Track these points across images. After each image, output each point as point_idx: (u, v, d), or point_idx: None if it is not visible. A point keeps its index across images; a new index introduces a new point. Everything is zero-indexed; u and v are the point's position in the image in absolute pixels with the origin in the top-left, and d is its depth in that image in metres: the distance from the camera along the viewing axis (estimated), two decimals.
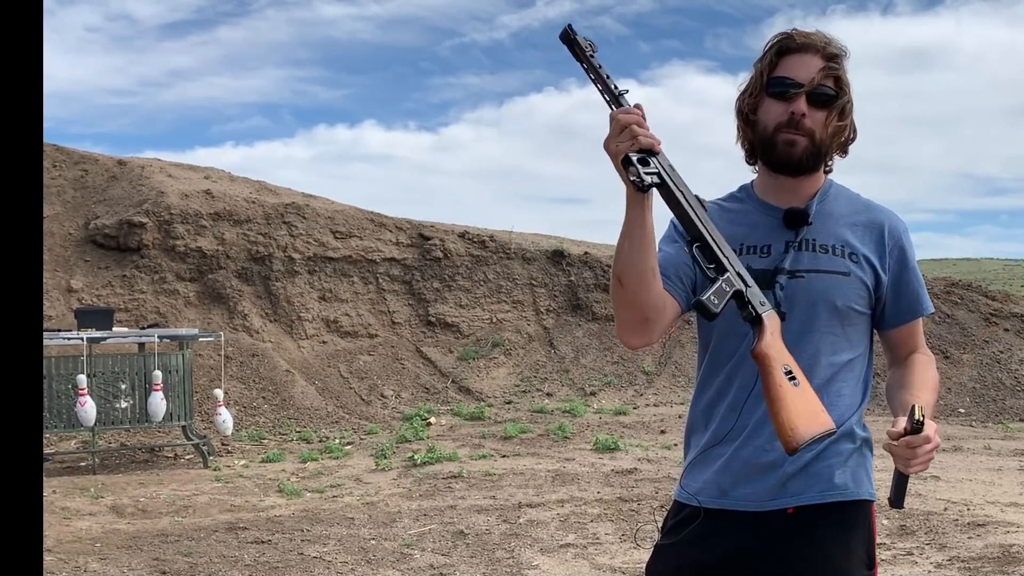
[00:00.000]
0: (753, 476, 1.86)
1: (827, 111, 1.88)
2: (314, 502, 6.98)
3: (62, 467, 8.50)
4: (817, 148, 1.89)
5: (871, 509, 1.90)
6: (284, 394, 11.25)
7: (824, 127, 1.88)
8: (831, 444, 1.83)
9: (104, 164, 14.15)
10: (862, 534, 1.86)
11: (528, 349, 13.54)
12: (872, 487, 1.90)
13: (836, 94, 1.88)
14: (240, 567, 5.28)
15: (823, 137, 1.88)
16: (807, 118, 1.86)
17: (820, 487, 1.83)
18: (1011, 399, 11.84)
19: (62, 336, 8.19)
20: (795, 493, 1.83)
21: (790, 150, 1.88)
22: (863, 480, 1.88)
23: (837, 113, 1.89)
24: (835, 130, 1.90)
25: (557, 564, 5.28)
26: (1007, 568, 4.98)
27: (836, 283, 1.86)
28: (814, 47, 1.88)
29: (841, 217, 1.93)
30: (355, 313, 13.32)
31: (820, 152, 1.90)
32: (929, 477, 7.42)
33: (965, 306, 14.08)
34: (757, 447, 1.86)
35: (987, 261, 44.12)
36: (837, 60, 1.88)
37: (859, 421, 1.92)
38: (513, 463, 8.41)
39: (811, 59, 1.88)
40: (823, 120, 1.88)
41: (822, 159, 1.92)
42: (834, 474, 1.84)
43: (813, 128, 1.87)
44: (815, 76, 1.86)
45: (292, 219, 13.52)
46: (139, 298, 12.15)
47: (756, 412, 1.84)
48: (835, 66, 1.88)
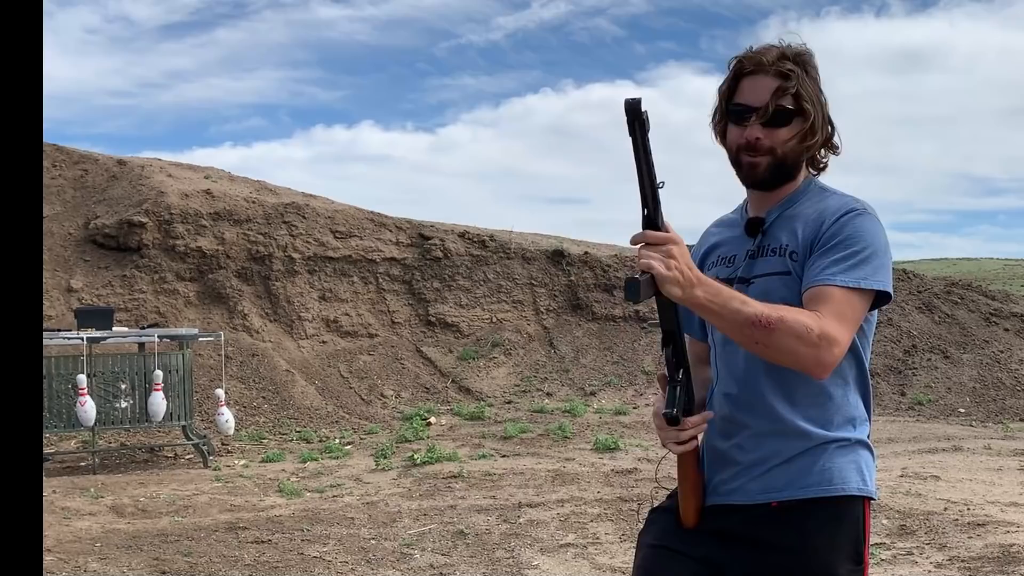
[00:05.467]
0: (734, 469, 1.95)
1: (785, 128, 1.93)
2: (314, 502, 6.98)
3: (62, 467, 8.50)
4: (779, 163, 1.95)
5: (863, 506, 1.90)
6: (284, 394, 11.25)
7: (784, 143, 1.93)
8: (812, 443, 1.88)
9: (104, 164, 14.15)
10: (848, 530, 1.88)
11: (528, 349, 13.54)
12: (864, 484, 1.90)
13: (793, 110, 1.92)
14: (240, 567, 5.28)
15: (784, 152, 1.94)
16: (764, 139, 1.93)
17: (802, 483, 1.87)
18: (1011, 399, 11.83)
19: (62, 336, 8.19)
20: (778, 488, 1.89)
21: (753, 171, 1.96)
22: (850, 477, 1.89)
23: (801, 126, 1.93)
24: (800, 140, 1.94)
25: (557, 564, 5.28)
26: (1007, 568, 4.98)
27: (779, 284, 1.91)
28: (764, 68, 1.93)
29: (802, 217, 1.96)
30: (355, 313, 13.32)
31: (784, 165, 1.96)
32: (929, 477, 7.42)
33: (965, 306, 14.08)
34: (735, 444, 1.95)
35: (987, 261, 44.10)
36: (790, 77, 1.92)
37: (844, 421, 1.91)
38: (513, 463, 8.42)
39: (764, 81, 1.93)
40: (783, 137, 1.93)
41: (789, 170, 1.97)
42: (815, 470, 1.88)
43: (773, 146, 1.93)
44: (768, 100, 1.91)
45: (292, 219, 13.52)
46: (139, 298, 12.15)
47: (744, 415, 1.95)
48: (787, 85, 1.92)
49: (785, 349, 1.77)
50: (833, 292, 1.82)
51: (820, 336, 1.76)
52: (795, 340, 1.75)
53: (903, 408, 11.82)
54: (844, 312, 1.81)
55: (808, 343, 1.76)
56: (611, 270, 14.48)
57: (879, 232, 1.89)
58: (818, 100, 1.94)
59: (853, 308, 1.83)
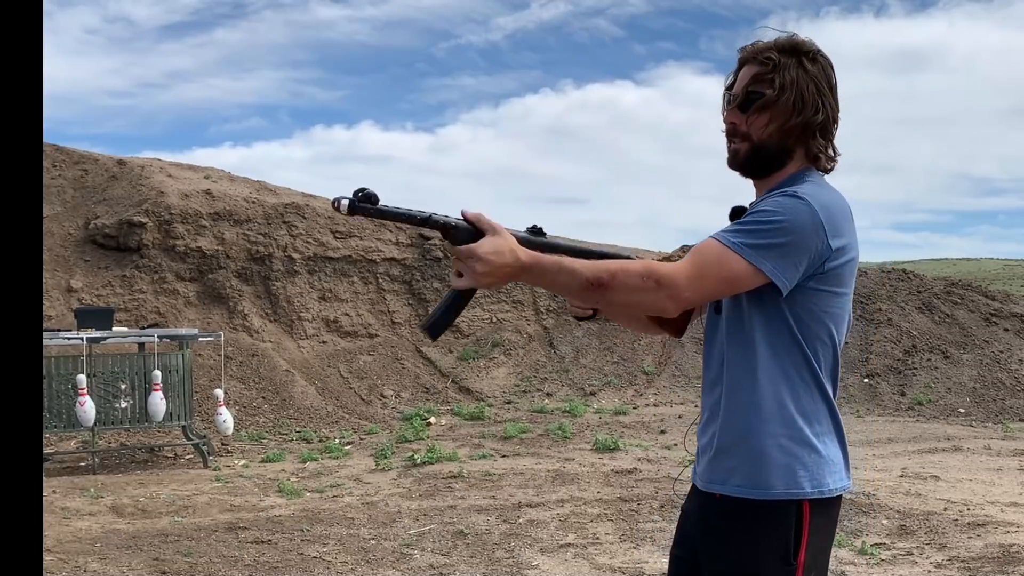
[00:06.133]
0: (698, 457, 2.06)
1: (763, 113, 1.96)
2: (314, 502, 6.98)
3: (62, 467, 8.50)
4: (758, 148, 1.98)
5: (797, 508, 1.88)
6: (284, 394, 11.25)
7: (763, 128, 1.96)
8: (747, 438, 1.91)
9: (104, 164, 14.15)
10: (777, 531, 1.88)
11: (528, 349, 13.54)
12: (798, 487, 1.88)
13: (767, 96, 1.95)
14: (240, 567, 5.28)
15: (763, 137, 1.97)
16: (740, 125, 1.98)
17: (735, 480, 1.91)
18: (1011, 399, 11.83)
19: (62, 336, 8.19)
20: (719, 481, 1.95)
21: (734, 157, 2.02)
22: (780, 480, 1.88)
23: (781, 112, 1.95)
24: (779, 126, 1.96)
25: (557, 564, 5.28)
26: (1007, 568, 4.98)
27: None
28: (750, 57, 2.00)
29: None
30: (355, 313, 13.32)
31: (765, 151, 1.98)
32: (929, 477, 7.42)
33: (965, 306, 14.08)
34: (700, 430, 2.06)
35: (987, 261, 44.09)
36: (768, 64, 1.96)
37: (786, 417, 1.90)
38: (513, 463, 8.42)
39: (749, 69, 1.99)
40: (760, 123, 1.96)
41: (772, 158, 1.99)
42: (747, 470, 1.90)
43: (750, 132, 1.98)
44: (742, 87, 1.98)
45: (292, 219, 13.52)
46: (139, 298, 12.15)
47: (707, 399, 2.03)
48: (764, 71, 1.96)
49: (628, 301, 1.81)
50: (706, 245, 1.84)
51: (657, 281, 1.78)
52: (634, 291, 1.79)
53: (903, 408, 11.82)
54: (703, 264, 1.82)
55: (646, 289, 1.79)
56: None
57: (797, 214, 1.83)
58: (805, 89, 1.95)
59: (719, 267, 1.82)
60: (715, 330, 2.01)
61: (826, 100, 1.97)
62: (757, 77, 1.97)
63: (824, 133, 1.99)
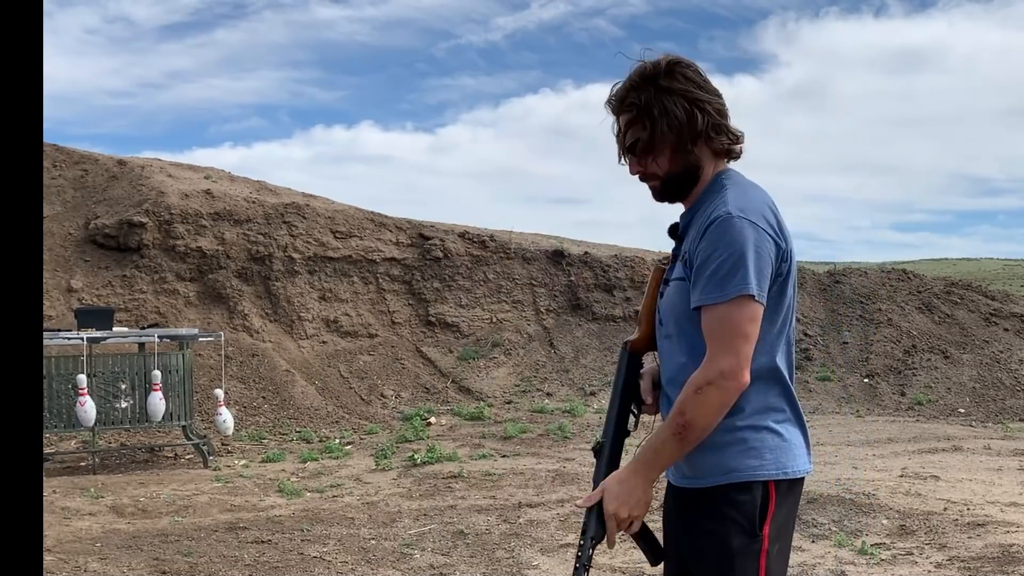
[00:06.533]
0: None
1: (653, 152, 2.06)
2: (314, 502, 6.98)
3: (62, 467, 8.50)
4: (668, 181, 2.08)
5: (762, 488, 1.99)
6: (284, 394, 11.25)
7: (663, 164, 2.06)
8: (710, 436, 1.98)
9: (104, 164, 14.15)
10: (742, 511, 1.99)
11: (528, 349, 13.54)
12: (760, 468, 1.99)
13: (649, 137, 2.04)
14: (240, 567, 5.28)
15: (667, 170, 2.07)
16: (644, 168, 2.09)
17: (707, 473, 2.01)
18: (1011, 399, 11.83)
19: (62, 336, 8.19)
20: (691, 476, 2.06)
21: (655, 195, 2.14)
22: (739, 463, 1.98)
23: (668, 138, 2.03)
24: (674, 154, 2.04)
25: (557, 564, 5.28)
26: (1007, 568, 4.98)
27: (677, 290, 2.04)
28: (619, 107, 2.09)
29: (697, 220, 2.05)
30: (355, 313, 13.32)
31: (675, 179, 2.08)
32: (929, 477, 7.42)
33: (965, 306, 14.08)
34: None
35: (987, 261, 44.10)
36: (634, 108, 2.05)
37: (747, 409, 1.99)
38: (513, 463, 8.42)
39: (623, 118, 2.09)
40: (657, 159, 2.06)
41: (684, 180, 2.08)
42: (704, 460, 2.00)
43: (655, 171, 2.08)
44: (624, 138, 2.09)
45: (292, 219, 13.52)
46: (139, 298, 12.15)
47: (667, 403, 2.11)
48: (631, 115, 2.06)
49: (712, 416, 1.93)
50: (704, 316, 1.94)
51: (709, 383, 1.91)
52: (704, 407, 1.91)
53: (903, 408, 11.82)
54: (720, 331, 1.91)
55: (710, 397, 1.91)
56: (611, 270, 14.48)
57: (735, 236, 1.91)
58: (676, 109, 2.01)
59: (727, 321, 1.91)
60: (667, 337, 2.10)
61: (701, 103, 2.03)
62: (630, 124, 2.06)
63: (716, 129, 2.05)
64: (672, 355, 2.07)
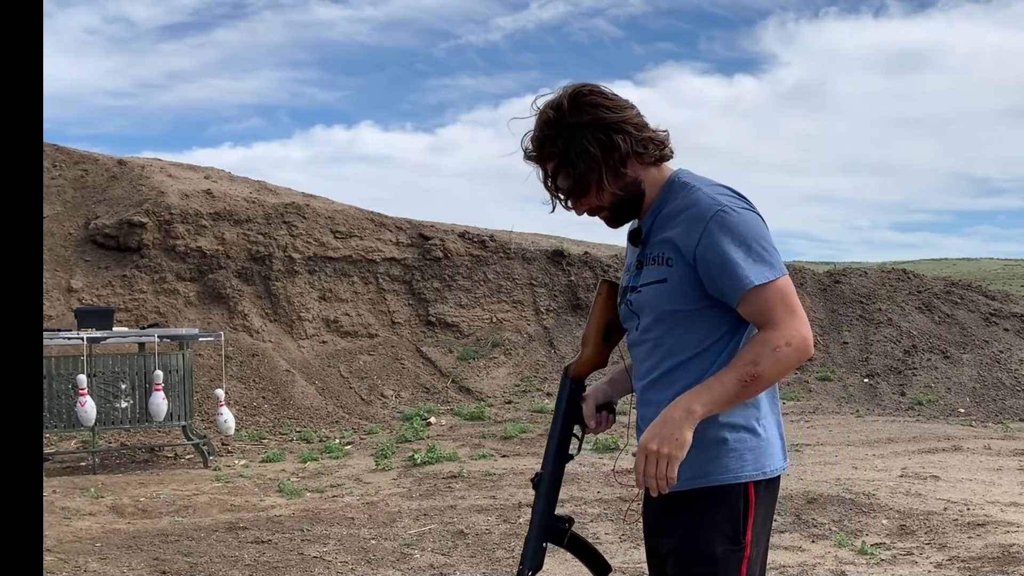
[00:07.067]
0: None
1: (588, 191, 2.02)
2: (314, 502, 6.99)
3: (62, 467, 8.50)
4: (614, 208, 2.06)
5: (742, 490, 1.99)
6: (284, 394, 11.25)
7: (602, 196, 2.03)
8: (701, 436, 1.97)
9: (104, 164, 14.15)
10: (726, 514, 1.99)
11: (528, 349, 13.54)
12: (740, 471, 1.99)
13: (575, 179, 2.01)
14: (240, 567, 5.28)
15: (609, 200, 2.04)
16: (585, 206, 2.06)
17: (685, 474, 1.97)
18: (1011, 399, 11.83)
19: (62, 336, 8.19)
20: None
21: (608, 224, 2.12)
22: (719, 466, 1.99)
23: (595, 171, 1.99)
24: (603, 180, 2.01)
25: (557, 564, 5.28)
26: (1007, 568, 4.98)
27: (660, 291, 2.02)
28: (537, 159, 2.05)
29: (671, 218, 2.03)
30: (355, 313, 13.32)
31: (620, 204, 2.06)
32: (929, 477, 7.42)
33: (965, 306, 14.08)
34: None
35: (987, 261, 44.07)
36: (552, 155, 2.01)
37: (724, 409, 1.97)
38: (513, 463, 8.42)
39: (547, 165, 2.05)
40: (596, 193, 2.02)
41: (629, 201, 2.06)
42: (687, 463, 1.96)
43: (599, 205, 2.05)
44: (550, 186, 2.06)
45: (292, 219, 13.52)
46: (139, 298, 12.15)
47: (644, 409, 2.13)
48: (553, 163, 2.02)
49: (782, 374, 1.93)
50: (766, 292, 1.92)
51: (791, 345, 1.90)
52: (782, 365, 1.91)
53: (903, 408, 11.82)
54: (784, 303, 1.93)
55: (792, 357, 1.91)
56: (611, 270, 14.48)
57: (742, 225, 1.95)
58: (591, 142, 1.97)
59: (788, 293, 1.94)
60: (638, 342, 2.11)
61: (617, 125, 1.99)
62: (555, 172, 2.02)
63: (642, 144, 2.02)
64: (651, 356, 2.07)
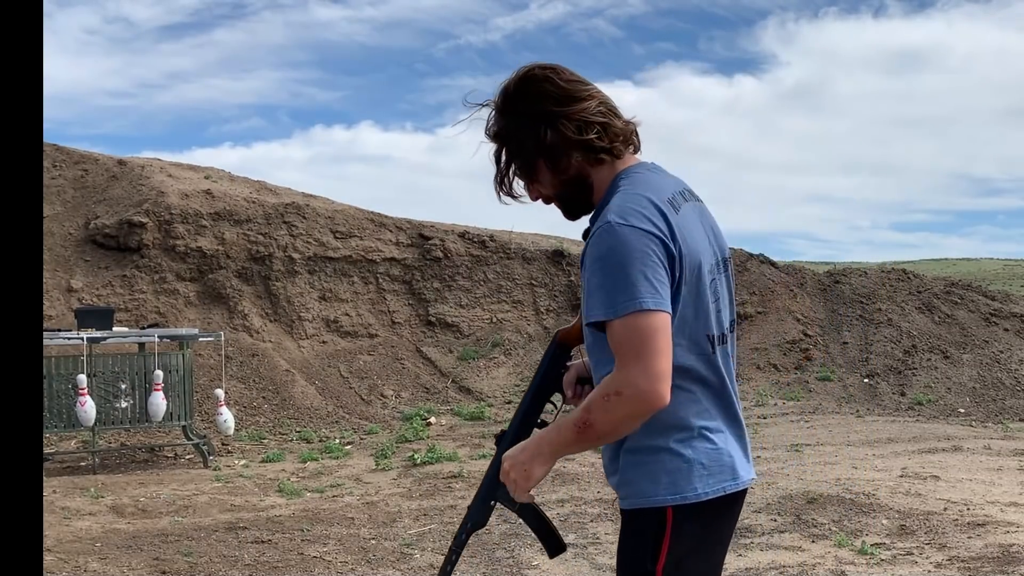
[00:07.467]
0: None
1: (532, 177, 2.00)
2: (314, 502, 6.98)
3: (62, 467, 8.50)
4: (565, 198, 2.02)
5: (651, 516, 1.90)
6: (284, 394, 11.25)
7: (545, 185, 2.00)
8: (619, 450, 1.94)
9: (104, 164, 14.15)
10: (639, 538, 1.93)
11: (528, 349, 13.54)
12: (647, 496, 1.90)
13: (521, 163, 1.99)
14: (240, 567, 5.28)
15: (554, 190, 2.00)
16: (535, 193, 2.04)
17: (622, 492, 1.95)
18: (1011, 399, 11.83)
19: (62, 336, 8.19)
20: (619, 495, 1.99)
21: (565, 215, 2.06)
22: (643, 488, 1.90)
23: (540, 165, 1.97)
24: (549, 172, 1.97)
25: (557, 564, 5.28)
26: (1007, 568, 4.98)
27: (583, 299, 1.93)
28: (490, 138, 2.03)
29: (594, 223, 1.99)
30: (355, 313, 13.32)
31: (567, 196, 2.01)
32: (929, 477, 7.42)
33: (965, 306, 14.08)
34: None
35: (987, 261, 44.06)
36: (496, 139, 2.00)
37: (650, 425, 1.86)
38: None
39: (497, 148, 2.03)
40: (544, 181, 2.00)
41: (577, 193, 2.00)
42: (622, 481, 1.94)
43: (546, 193, 2.02)
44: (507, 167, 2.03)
45: (292, 219, 13.52)
46: (139, 298, 12.15)
47: None
48: (499, 144, 2.00)
49: (614, 426, 1.81)
50: (607, 330, 1.79)
51: (621, 395, 1.76)
52: (612, 416, 1.78)
53: (903, 408, 11.82)
54: (627, 344, 1.76)
55: (622, 409, 1.77)
56: None
57: (615, 246, 1.78)
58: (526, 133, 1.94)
59: (633, 333, 1.75)
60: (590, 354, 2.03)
61: (554, 119, 1.92)
62: (497, 154, 2.01)
63: (582, 144, 1.92)
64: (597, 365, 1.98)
